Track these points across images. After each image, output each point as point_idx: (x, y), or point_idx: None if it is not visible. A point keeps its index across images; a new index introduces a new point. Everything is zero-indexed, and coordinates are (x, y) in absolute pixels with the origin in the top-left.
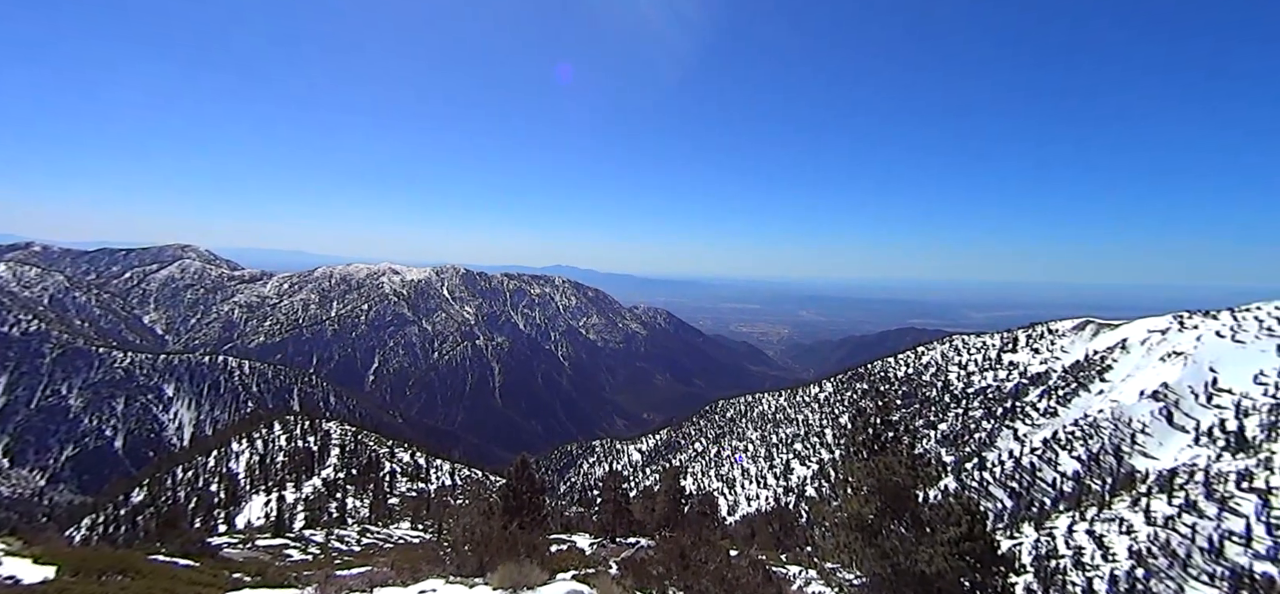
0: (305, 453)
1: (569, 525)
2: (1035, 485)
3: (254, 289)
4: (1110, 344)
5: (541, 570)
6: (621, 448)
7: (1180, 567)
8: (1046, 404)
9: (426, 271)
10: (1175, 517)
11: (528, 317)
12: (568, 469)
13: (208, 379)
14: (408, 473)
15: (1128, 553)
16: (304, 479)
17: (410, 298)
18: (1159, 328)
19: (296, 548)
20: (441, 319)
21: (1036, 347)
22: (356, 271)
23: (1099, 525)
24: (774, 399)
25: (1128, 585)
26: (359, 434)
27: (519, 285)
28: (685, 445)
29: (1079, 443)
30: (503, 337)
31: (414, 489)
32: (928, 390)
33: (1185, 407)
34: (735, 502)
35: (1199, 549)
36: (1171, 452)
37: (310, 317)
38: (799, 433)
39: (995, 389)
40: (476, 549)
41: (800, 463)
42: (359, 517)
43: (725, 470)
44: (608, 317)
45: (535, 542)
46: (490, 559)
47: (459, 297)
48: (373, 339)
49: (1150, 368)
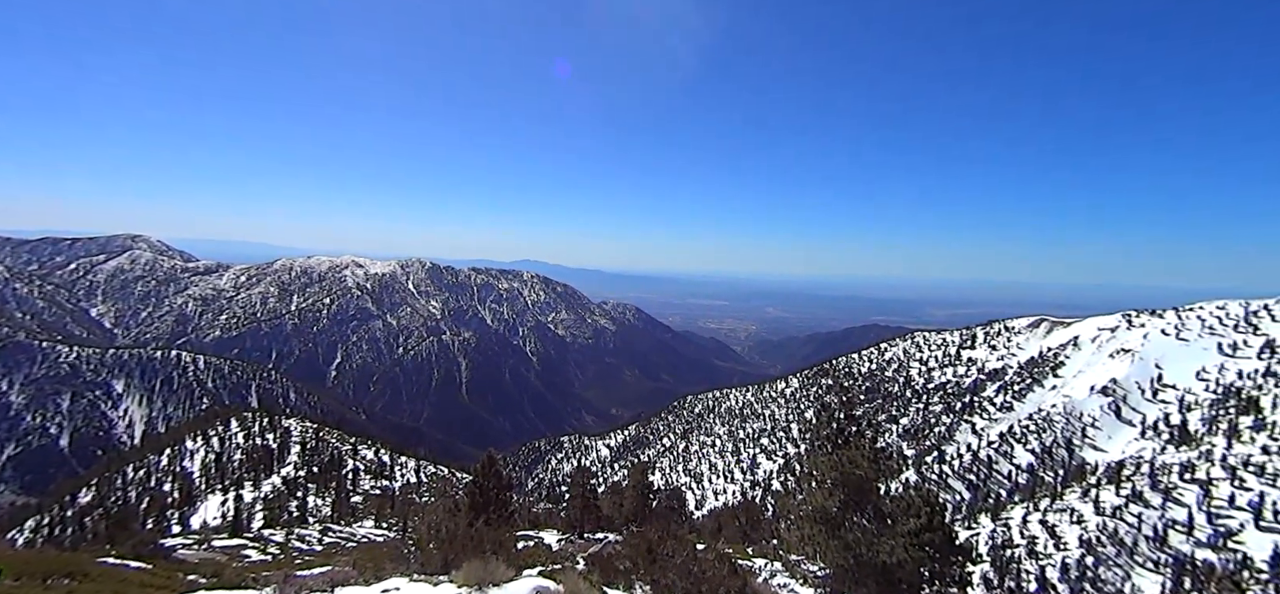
0: (264, 451)
1: (537, 522)
2: (992, 477)
3: (209, 281)
4: (1063, 341)
5: (507, 567)
6: (590, 444)
7: (1127, 555)
8: (1003, 399)
9: (391, 265)
10: (1123, 507)
11: (496, 311)
12: (536, 465)
13: (160, 375)
14: (371, 470)
15: (1078, 542)
16: (263, 478)
17: (374, 292)
18: (1109, 326)
19: (255, 548)
20: (407, 314)
21: (994, 343)
22: (318, 264)
23: (1051, 516)
24: (741, 395)
25: (1078, 573)
26: (320, 431)
27: (487, 280)
28: (654, 441)
29: (1033, 436)
30: (470, 332)
31: (378, 487)
32: (890, 386)
33: (1132, 401)
34: (703, 496)
35: (1145, 538)
36: (1120, 444)
37: (269, 310)
38: (766, 428)
39: (954, 385)
40: (441, 547)
41: (767, 457)
42: (321, 516)
43: (693, 465)
44: (577, 312)
45: (501, 538)
46: (455, 557)
47: (425, 291)
48: (335, 334)
49: (1100, 364)
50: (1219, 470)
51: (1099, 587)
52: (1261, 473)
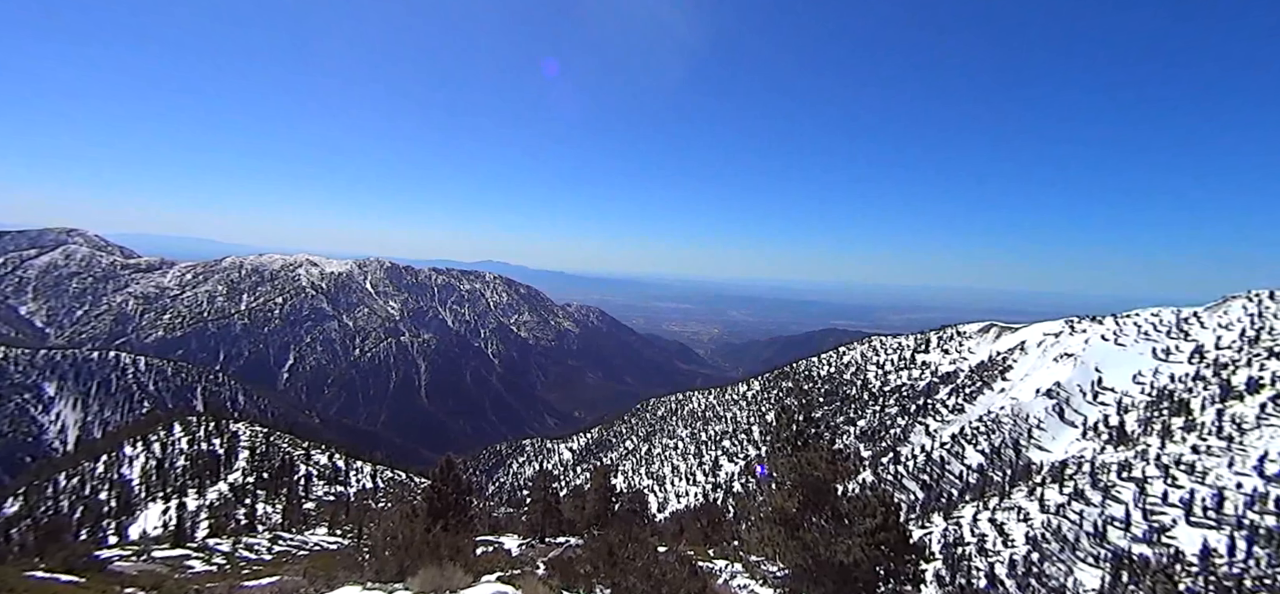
0: (210, 456)
1: (497, 527)
2: (944, 478)
3: (152, 279)
4: (1011, 346)
5: (465, 573)
6: (552, 447)
7: (1070, 550)
8: (955, 401)
9: (348, 264)
10: (1065, 504)
11: (457, 313)
12: (497, 469)
13: (97, 377)
14: (325, 476)
15: (1025, 539)
16: (208, 484)
17: (329, 291)
18: (1053, 331)
19: (199, 559)
20: (364, 314)
21: (947, 348)
22: (270, 262)
23: (1000, 514)
24: (704, 397)
25: (1025, 569)
26: (271, 435)
27: (448, 280)
28: (617, 444)
29: (983, 437)
30: (430, 333)
31: (332, 493)
32: (848, 388)
33: (1075, 404)
34: (665, 499)
35: (1086, 534)
36: (1063, 445)
37: (217, 309)
38: (728, 430)
39: (909, 387)
40: (397, 553)
41: (728, 460)
42: (270, 523)
43: (656, 468)
44: (540, 314)
45: (460, 544)
46: (411, 564)
47: (383, 291)
48: (287, 334)
49: (1045, 368)
50: (1153, 469)
51: (1044, 582)
52: (1191, 471)
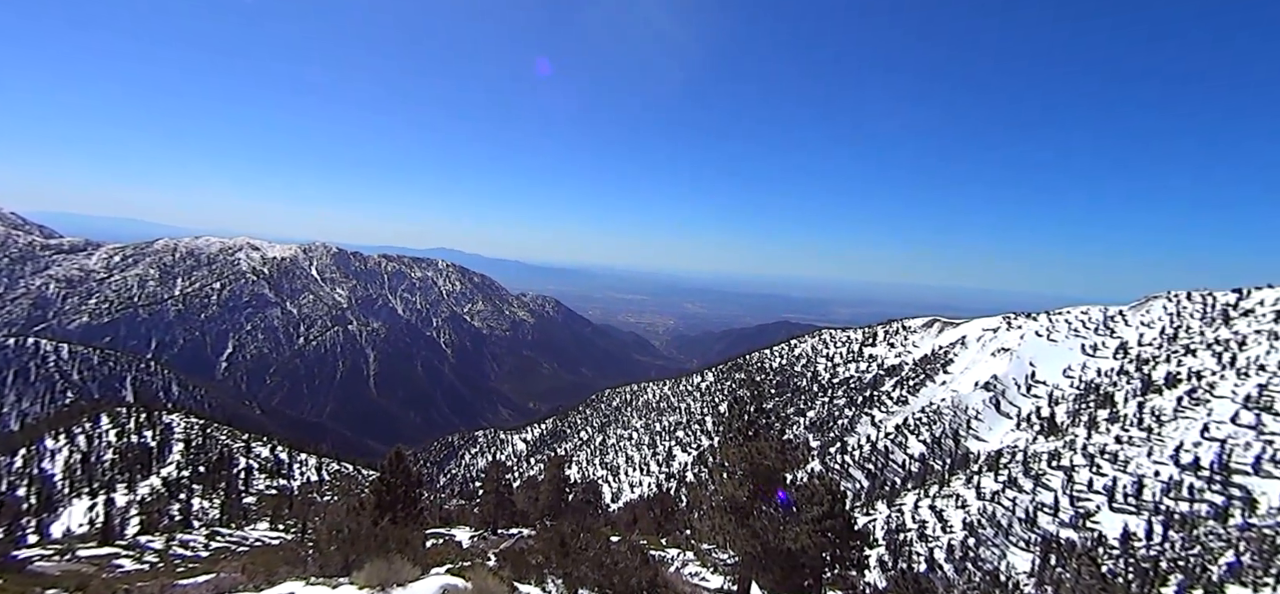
0: (141, 449)
1: (448, 519)
2: (888, 467)
3: (76, 261)
4: (953, 340)
5: (413, 566)
6: (506, 438)
7: (1003, 535)
8: (899, 393)
9: (292, 249)
10: (1000, 492)
11: (408, 301)
12: (449, 461)
13: (13, 365)
14: (267, 469)
15: (962, 525)
16: (139, 479)
17: (272, 277)
18: (991, 327)
19: (129, 557)
20: (309, 301)
21: (892, 341)
22: (207, 245)
23: (939, 501)
24: (658, 388)
25: (962, 554)
26: (208, 427)
27: (398, 267)
28: (571, 434)
29: (925, 428)
30: (379, 322)
31: (274, 487)
32: (799, 380)
33: (1010, 396)
34: (619, 489)
35: (1018, 520)
36: (999, 435)
37: (148, 294)
38: (681, 421)
39: (857, 379)
40: (342, 547)
41: (682, 450)
42: (208, 519)
43: (610, 458)
44: (494, 303)
45: (408, 537)
46: (357, 557)
47: (330, 277)
48: (226, 321)
49: (983, 362)
50: (1080, 458)
51: (979, 565)
52: (1114, 460)
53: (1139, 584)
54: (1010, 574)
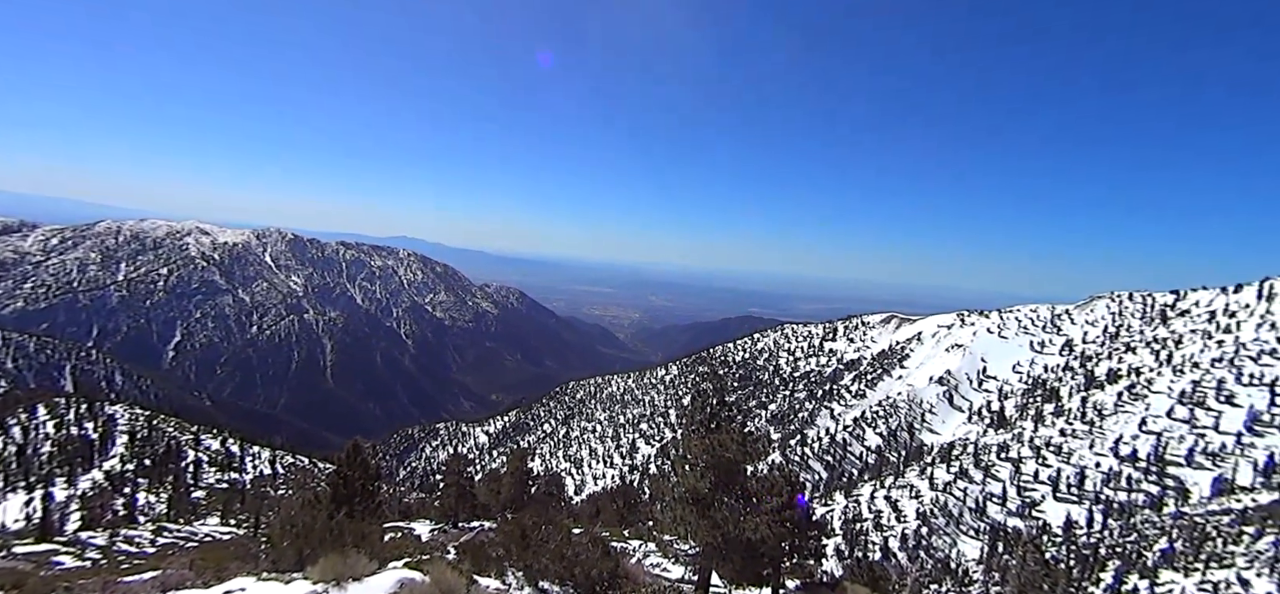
0: (82, 442)
1: (408, 512)
2: (846, 458)
3: (9, 242)
4: (909, 336)
5: (370, 560)
6: (468, 430)
7: (954, 524)
8: (858, 387)
9: (245, 234)
10: (952, 482)
11: (367, 290)
12: (409, 454)
13: None
14: (218, 462)
15: (915, 514)
16: (80, 473)
17: (223, 263)
18: (946, 323)
19: (70, 554)
20: (262, 289)
21: (851, 336)
22: (153, 229)
23: (895, 492)
24: (623, 381)
25: (915, 542)
26: (154, 419)
27: (357, 256)
28: (534, 427)
29: (882, 421)
30: (337, 311)
31: (225, 480)
32: (761, 374)
33: (963, 390)
34: (582, 481)
35: (968, 509)
36: (951, 428)
37: (89, 279)
38: (645, 413)
39: (817, 373)
40: (296, 542)
41: (646, 442)
42: (154, 514)
43: (574, 450)
44: (457, 294)
45: (365, 530)
46: (311, 552)
47: (285, 264)
48: (173, 309)
49: (938, 357)
50: (1027, 450)
51: (931, 553)
52: (1059, 452)
53: (1080, 570)
54: (960, 562)
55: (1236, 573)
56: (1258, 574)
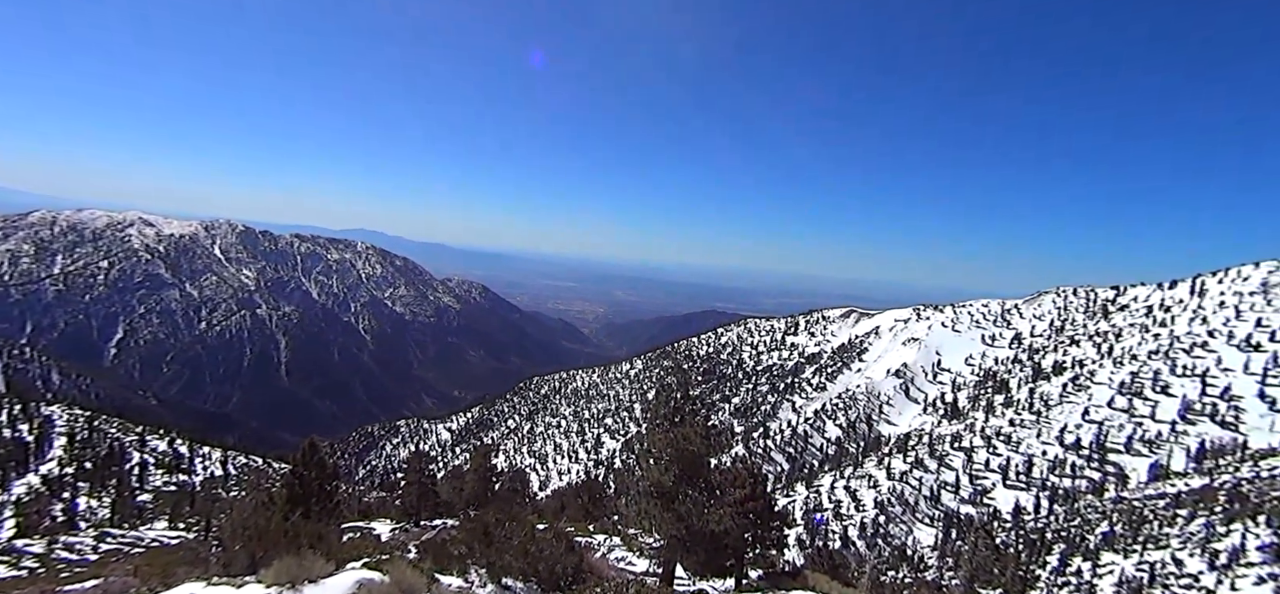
0: (15, 444)
1: (368, 512)
2: (807, 450)
3: None
4: (868, 330)
5: (327, 561)
6: (429, 427)
7: (910, 512)
8: (818, 380)
9: (192, 225)
10: (908, 472)
11: (323, 284)
12: (368, 452)
13: None
14: (165, 464)
15: (873, 503)
16: (14, 478)
17: (169, 256)
18: (903, 318)
19: (4, 563)
20: (211, 283)
21: (813, 331)
22: (92, 219)
23: (854, 482)
24: (588, 376)
25: (873, 530)
26: (95, 419)
27: (313, 249)
28: (498, 423)
29: (841, 413)
30: (291, 306)
31: (174, 483)
32: (725, 367)
33: (919, 383)
34: (547, 477)
35: (923, 497)
36: (908, 419)
37: (22, 272)
38: (610, 408)
39: (780, 367)
40: (248, 544)
41: (611, 437)
42: (97, 520)
43: (538, 446)
44: (418, 288)
45: (322, 531)
46: (265, 554)
47: (236, 257)
48: (115, 303)
49: (896, 350)
50: (979, 440)
51: (888, 540)
52: (1008, 441)
53: (1028, 554)
54: (916, 548)
55: (1171, 554)
56: (1190, 554)
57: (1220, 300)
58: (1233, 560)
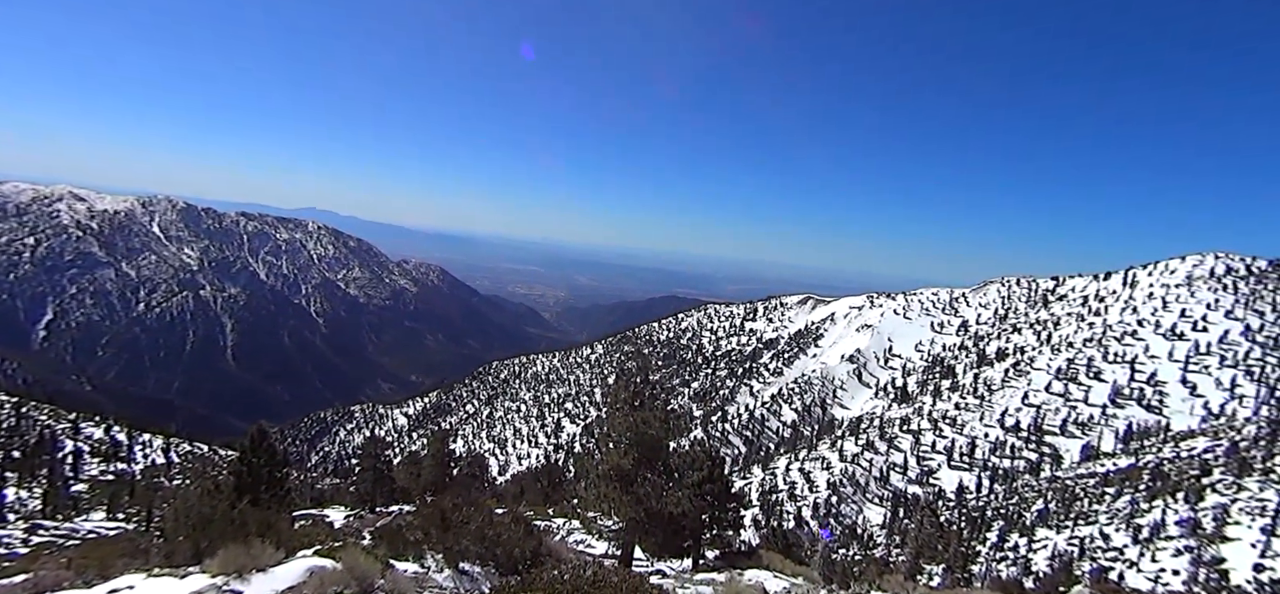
0: None
1: (321, 500)
2: (764, 433)
3: None
4: (824, 316)
5: (276, 549)
6: (386, 413)
7: (861, 492)
8: (775, 365)
9: (128, 201)
10: (859, 454)
11: (272, 265)
12: (321, 438)
13: None
14: (102, 453)
15: (826, 484)
16: None
17: (103, 233)
18: (857, 305)
19: None
20: (150, 262)
21: (771, 317)
22: (15, 193)
23: (808, 464)
24: (548, 360)
25: (826, 510)
26: (23, 405)
27: (261, 228)
28: (457, 408)
29: (797, 397)
30: (238, 287)
31: (112, 472)
32: (685, 352)
33: (871, 368)
34: (506, 462)
35: (874, 478)
36: (860, 403)
37: None
38: (571, 393)
39: (738, 352)
40: (192, 534)
41: (571, 421)
42: (27, 511)
43: (497, 431)
44: (373, 270)
45: (271, 519)
46: (210, 544)
47: (177, 236)
48: (43, 283)
49: (849, 336)
50: (926, 423)
51: (840, 520)
52: (953, 424)
53: (969, 531)
54: (866, 527)
55: (1099, 529)
56: (1116, 529)
57: (1149, 292)
58: (1154, 534)
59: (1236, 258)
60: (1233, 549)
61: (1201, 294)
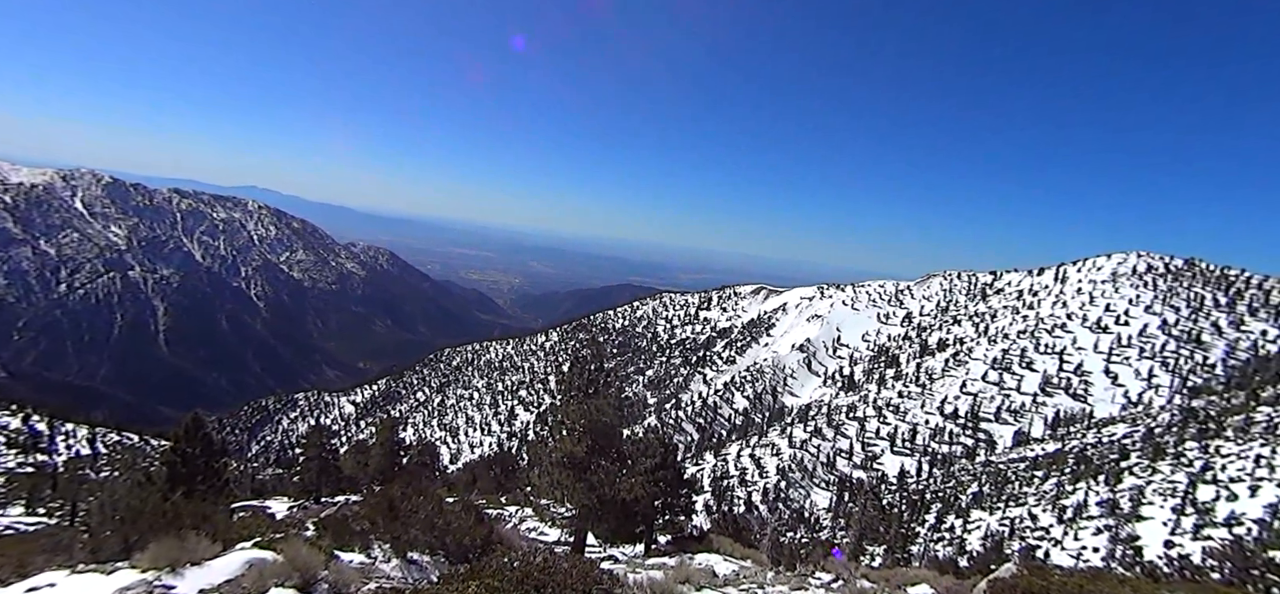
0: None
1: (263, 490)
2: (717, 420)
3: None
4: (776, 306)
5: (212, 542)
6: (331, 400)
7: (809, 477)
8: (728, 354)
9: (46, 174)
10: (808, 440)
11: (208, 245)
12: (263, 427)
13: None
14: (19, 444)
15: (776, 470)
16: None
17: (18, 208)
18: (808, 295)
19: None
20: (73, 240)
21: (724, 306)
22: None
23: (758, 450)
24: (502, 347)
25: (775, 495)
26: None
27: (195, 205)
28: (406, 395)
29: (749, 385)
30: (170, 268)
31: (30, 463)
32: (640, 340)
33: (820, 357)
34: (459, 450)
35: (821, 464)
36: (809, 391)
37: None
38: (525, 380)
39: (692, 341)
40: (120, 528)
41: (525, 409)
42: None
43: (449, 419)
44: (318, 253)
45: (207, 511)
46: (141, 538)
47: (102, 212)
48: None
49: (800, 326)
50: (871, 410)
51: (789, 504)
52: (897, 411)
53: (909, 513)
54: (813, 511)
55: (1028, 509)
56: (1043, 510)
57: (1078, 287)
58: (1077, 514)
59: (1156, 257)
60: (1146, 527)
61: (1124, 290)
